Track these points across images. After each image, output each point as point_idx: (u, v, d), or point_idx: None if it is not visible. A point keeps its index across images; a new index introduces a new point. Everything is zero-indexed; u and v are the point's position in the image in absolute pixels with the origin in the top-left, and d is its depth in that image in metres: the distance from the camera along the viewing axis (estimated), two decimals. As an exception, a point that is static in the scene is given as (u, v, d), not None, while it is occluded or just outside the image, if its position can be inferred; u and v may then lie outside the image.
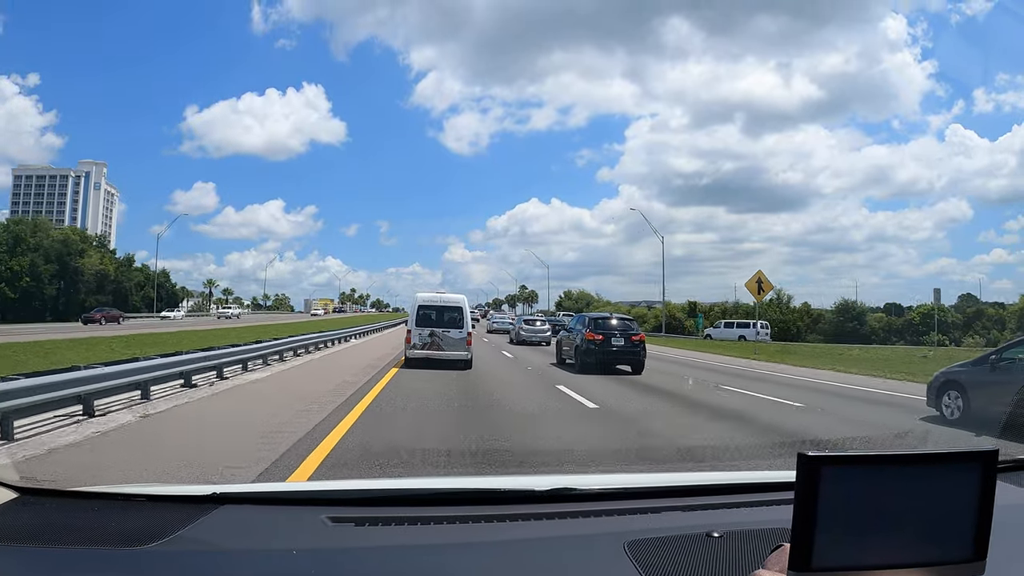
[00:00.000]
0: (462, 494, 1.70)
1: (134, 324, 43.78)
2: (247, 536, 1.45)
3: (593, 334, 15.49)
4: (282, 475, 4.94)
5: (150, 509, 1.55)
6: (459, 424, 7.94)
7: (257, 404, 9.38)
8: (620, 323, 16.34)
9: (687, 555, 1.31)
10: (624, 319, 17.03)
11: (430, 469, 5.30)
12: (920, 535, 0.91)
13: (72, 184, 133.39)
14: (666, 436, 7.59)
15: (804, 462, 0.88)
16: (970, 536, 0.92)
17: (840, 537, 0.88)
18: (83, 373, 7.55)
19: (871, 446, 6.97)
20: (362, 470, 5.29)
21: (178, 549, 1.31)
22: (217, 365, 11.50)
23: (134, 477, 4.76)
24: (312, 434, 6.64)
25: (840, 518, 0.88)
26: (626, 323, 16.45)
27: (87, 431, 6.67)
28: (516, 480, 2.35)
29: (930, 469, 0.93)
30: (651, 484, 1.89)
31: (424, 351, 15.41)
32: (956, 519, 0.92)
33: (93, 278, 63.53)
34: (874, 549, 0.90)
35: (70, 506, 1.56)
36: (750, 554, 1.28)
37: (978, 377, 9.25)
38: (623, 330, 15.86)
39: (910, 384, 14.22)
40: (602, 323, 16.08)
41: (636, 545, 1.33)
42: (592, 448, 6.65)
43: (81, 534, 1.40)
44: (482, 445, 6.35)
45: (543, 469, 5.42)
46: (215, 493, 1.57)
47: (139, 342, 21.20)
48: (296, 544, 1.37)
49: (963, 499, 0.93)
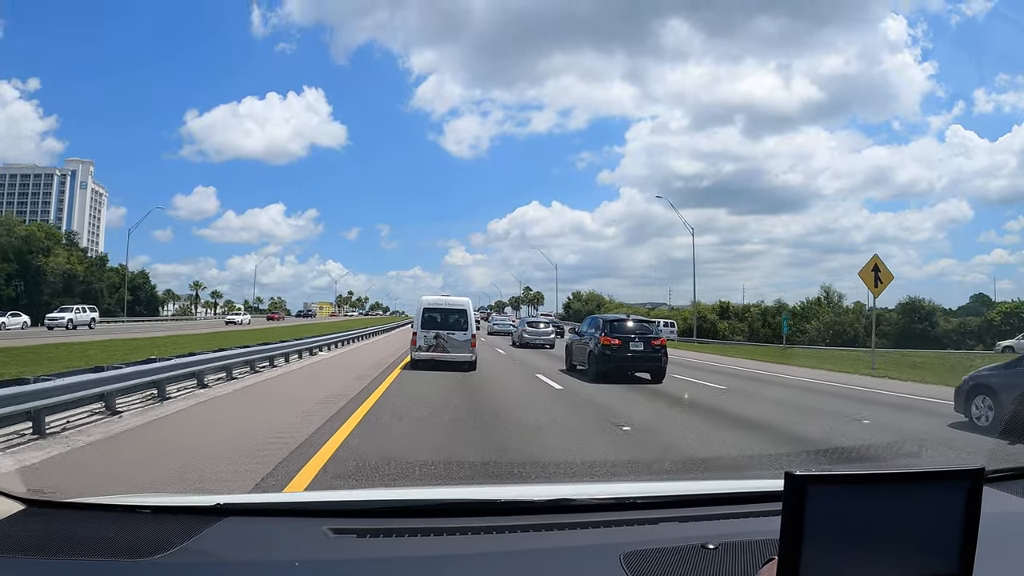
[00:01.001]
0: (463, 505, 1.77)
1: (111, 329, 40.29)
2: (250, 548, 1.48)
3: (609, 338, 15.01)
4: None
5: (154, 520, 1.58)
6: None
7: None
8: (639, 326, 15.92)
9: (682, 567, 1.35)
10: (643, 321, 16.63)
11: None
12: (907, 552, 0.95)
13: (57, 183, 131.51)
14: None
15: (791, 480, 0.93)
16: (956, 553, 0.96)
17: (827, 554, 0.92)
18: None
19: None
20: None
21: (182, 561, 1.34)
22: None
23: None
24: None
25: (827, 536, 0.92)
26: (645, 326, 16.03)
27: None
28: (516, 490, 2.43)
29: (917, 487, 0.98)
30: (647, 494, 1.92)
31: (429, 353, 16.07)
32: (942, 536, 0.97)
33: (60, 279, 60.96)
34: (860, 566, 0.94)
35: (75, 517, 1.60)
36: (744, 566, 1.32)
37: (1012, 380, 8.90)
38: (642, 333, 15.37)
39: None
40: (619, 326, 15.62)
41: (632, 557, 1.37)
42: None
43: (86, 545, 1.44)
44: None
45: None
46: (219, 504, 1.61)
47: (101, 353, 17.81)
48: (299, 556, 1.40)
49: (950, 516, 0.97)
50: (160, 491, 4.19)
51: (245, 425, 8.16)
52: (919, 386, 15.91)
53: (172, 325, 54.54)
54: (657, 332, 15.99)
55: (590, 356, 15.45)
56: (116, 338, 27.73)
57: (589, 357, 15.51)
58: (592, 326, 16.35)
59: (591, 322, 16.96)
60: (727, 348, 39.19)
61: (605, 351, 15.01)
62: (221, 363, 12.34)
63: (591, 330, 16.19)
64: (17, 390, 6.45)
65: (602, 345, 15.08)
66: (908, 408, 11.87)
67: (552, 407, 10.65)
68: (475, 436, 7.65)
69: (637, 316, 18.56)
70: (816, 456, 6.83)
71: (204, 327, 49.62)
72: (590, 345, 15.66)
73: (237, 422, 8.55)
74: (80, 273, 63.96)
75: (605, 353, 15.01)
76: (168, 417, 8.38)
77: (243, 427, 8.00)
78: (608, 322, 15.84)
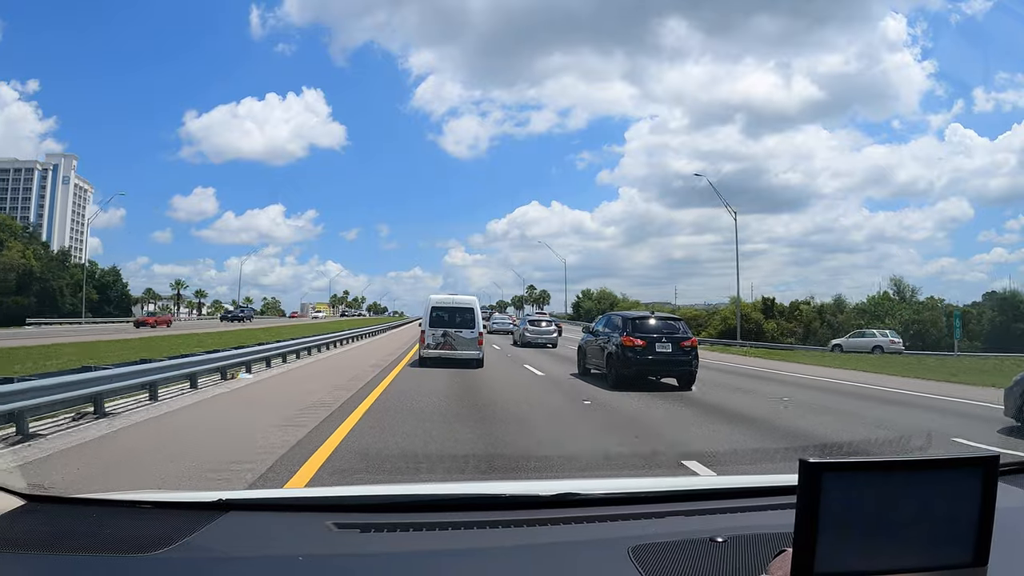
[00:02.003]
0: (467, 499, 1.77)
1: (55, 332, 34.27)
2: (253, 543, 1.47)
3: (632, 338, 12.96)
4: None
5: (156, 516, 1.59)
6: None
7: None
8: (665, 324, 14.01)
9: (691, 560, 1.34)
10: (669, 319, 14.61)
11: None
12: (921, 541, 0.95)
13: (38, 178, 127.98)
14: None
15: (805, 468, 0.92)
16: (971, 542, 0.96)
17: (842, 543, 0.92)
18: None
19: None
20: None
21: (184, 556, 1.34)
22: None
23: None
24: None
25: (842, 524, 0.92)
26: (672, 324, 14.06)
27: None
28: (521, 485, 2.32)
29: (932, 474, 0.97)
30: (655, 488, 1.88)
31: (438, 351, 16.56)
32: (958, 525, 0.96)
33: (14, 276, 57.10)
34: (875, 555, 0.93)
35: (76, 513, 1.60)
36: (754, 559, 1.30)
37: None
38: (670, 333, 13.33)
39: None
40: (643, 324, 13.81)
41: (640, 550, 1.35)
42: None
43: (87, 541, 1.43)
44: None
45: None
46: (220, 500, 1.62)
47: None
48: (302, 551, 1.39)
49: (965, 505, 0.96)
50: (160, 488, 4.05)
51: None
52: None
53: (94, 329, 43.95)
54: (686, 332, 13.54)
55: (609, 359, 13.41)
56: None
57: (608, 360, 13.54)
58: (609, 325, 14.24)
59: (607, 320, 14.80)
60: (801, 354, 31.22)
61: (627, 353, 12.98)
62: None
63: (607, 329, 14.05)
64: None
65: (623, 346, 13.03)
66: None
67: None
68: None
69: (662, 313, 16.22)
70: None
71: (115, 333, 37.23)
72: (608, 347, 13.54)
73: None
74: (37, 270, 60.44)
75: (627, 355, 13.03)
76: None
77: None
78: (630, 320, 13.75)
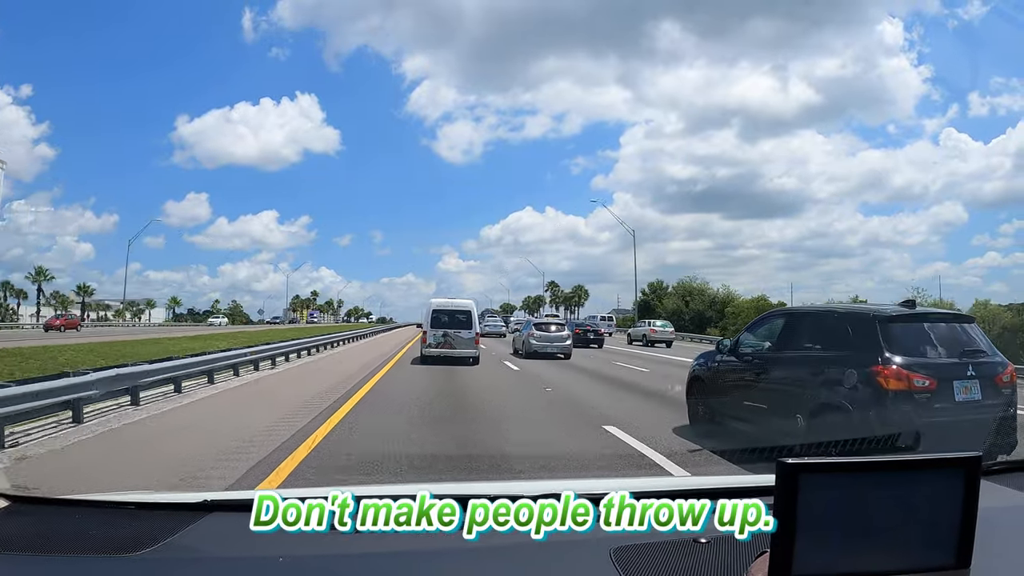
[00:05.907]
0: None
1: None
2: (237, 543, 1.49)
3: (905, 372, 5.00)
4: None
5: (140, 516, 1.62)
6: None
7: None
8: (957, 336, 5.71)
9: (673, 561, 1.35)
10: (955, 321, 6.33)
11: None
12: (903, 542, 0.94)
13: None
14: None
15: (783, 470, 0.91)
16: (953, 543, 0.95)
17: (821, 545, 0.91)
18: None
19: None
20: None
21: (168, 556, 1.38)
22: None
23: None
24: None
25: (821, 526, 0.91)
26: (969, 334, 5.89)
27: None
28: (504, 486, 2.24)
29: (913, 475, 0.96)
30: (638, 488, 1.75)
31: (438, 349, 18.82)
32: (939, 526, 0.95)
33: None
34: (855, 557, 0.93)
35: (61, 514, 1.65)
36: (735, 560, 1.30)
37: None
38: (973, 356, 5.62)
39: None
40: (918, 335, 5.58)
41: (622, 552, 1.37)
42: None
43: (72, 542, 1.48)
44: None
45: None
46: (205, 500, 1.66)
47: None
48: (285, 551, 1.40)
49: (947, 505, 0.95)
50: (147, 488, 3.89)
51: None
52: None
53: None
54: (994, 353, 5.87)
55: (866, 417, 5.37)
56: None
57: (812, 421, 5.50)
58: (806, 337, 6.37)
59: (791, 327, 6.85)
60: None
61: (891, 409, 4.83)
62: None
63: (795, 351, 6.10)
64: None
65: (882, 392, 4.96)
66: None
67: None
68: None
69: (942, 311, 8.18)
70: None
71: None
72: (813, 391, 5.58)
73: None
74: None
75: (890, 416, 4.85)
76: None
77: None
78: (888, 323, 5.81)
